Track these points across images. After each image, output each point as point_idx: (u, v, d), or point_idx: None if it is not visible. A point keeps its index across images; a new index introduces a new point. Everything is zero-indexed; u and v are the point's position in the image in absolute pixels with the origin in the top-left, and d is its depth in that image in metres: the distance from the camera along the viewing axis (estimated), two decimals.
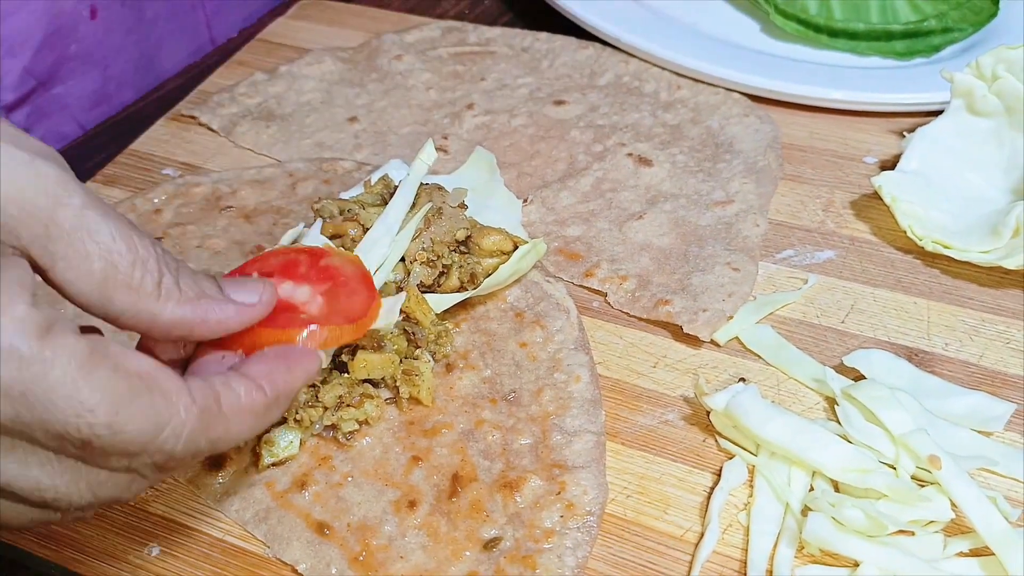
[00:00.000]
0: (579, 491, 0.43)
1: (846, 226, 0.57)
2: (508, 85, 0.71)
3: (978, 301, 0.52)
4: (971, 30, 0.70)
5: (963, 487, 0.40)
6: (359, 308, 0.42)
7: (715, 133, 0.65)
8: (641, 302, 0.52)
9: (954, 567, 0.40)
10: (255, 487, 0.45)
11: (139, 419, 0.30)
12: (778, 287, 0.54)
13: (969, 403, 0.46)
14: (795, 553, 0.41)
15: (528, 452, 0.45)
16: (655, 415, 0.47)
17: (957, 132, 0.58)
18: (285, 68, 0.73)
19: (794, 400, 0.48)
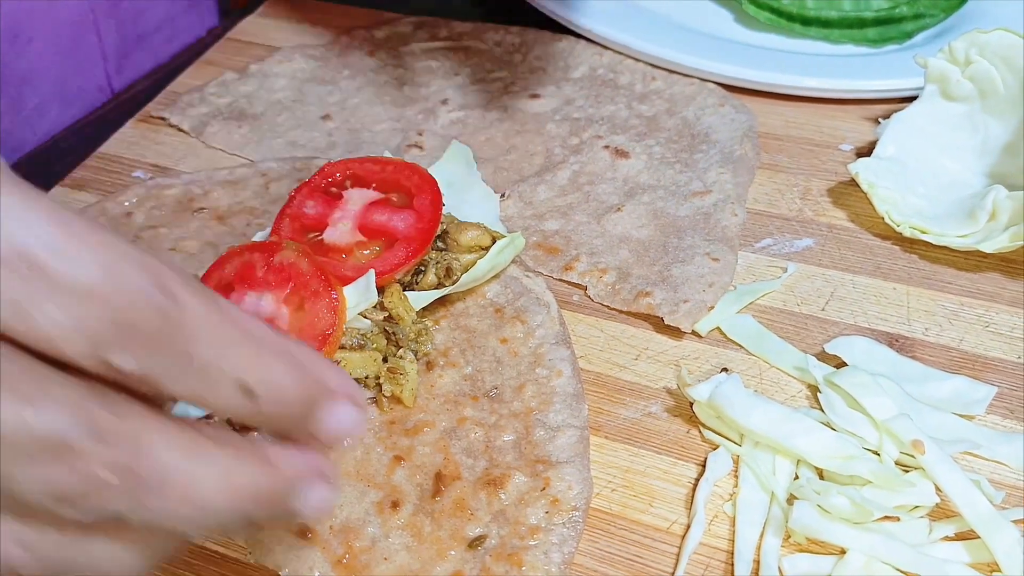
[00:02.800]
0: (564, 486, 0.42)
1: (824, 214, 0.57)
2: (482, 80, 0.70)
3: (956, 285, 0.52)
4: (943, 16, 0.71)
5: (947, 471, 0.40)
6: (325, 320, 0.43)
7: (691, 124, 0.65)
8: (621, 295, 0.52)
9: (940, 551, 0.40)
10: None
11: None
12: (758, 276, 0.54)
13: (950, 387, 0.46)
14: (781, 542, 0.40)
15: (511, 449, 0.44)
16: (638, 408, 0.47)
17: (932, 117, 0.59)
18: (255, 67, 0.72)
19: (777, 389, 0.47)
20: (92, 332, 0.22)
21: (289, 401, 0.26)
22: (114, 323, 0.23)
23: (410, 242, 0.49)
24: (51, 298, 0.22)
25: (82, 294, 0.22)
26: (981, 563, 0.39)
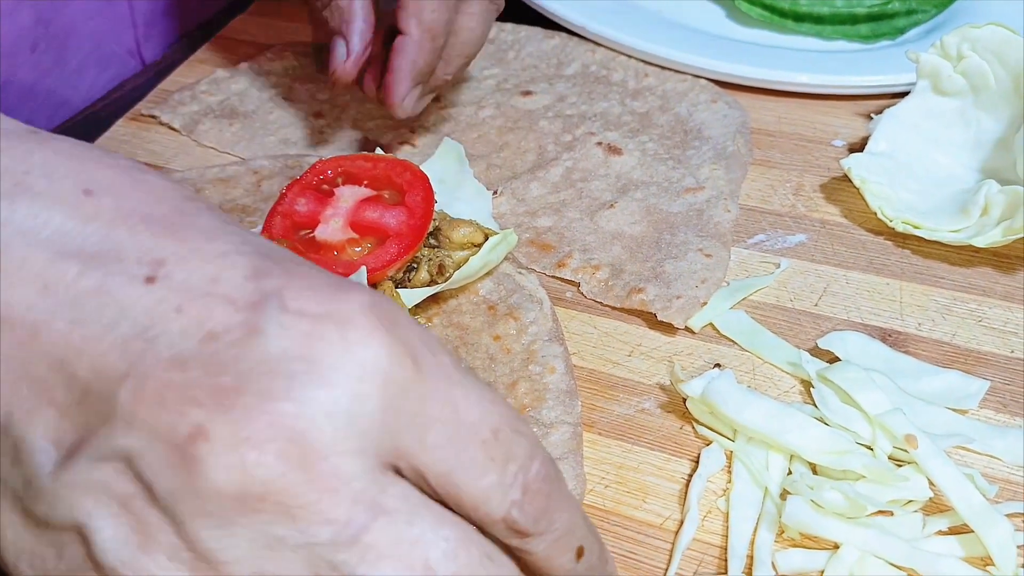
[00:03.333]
0: None
1: (817, 209, 0.57)
2: (474, 77, 0.70)
3: (949, 280, 0.52)
4: (935, 11, 0.71)
5: (940, 465, 0.40)
6: None
7: (684, 120, 0.65)
8: (614, 291, 0.52)
9: (934, 546, 0.40)
10: None
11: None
12: (751, 272, 0.54)
13: (943, 382, 0.46)
14: (775, 537, 0.40)
15: None
16: (631, 404, 0.47)
17: (924, 113, 0.59)
18: (246, 65, 0.72)
19: (770, 384, 0.47)
20: (514, 497, 0.28)
21: (596, 567, 0.32)
22: (524, 488, 0.28)
23: (402, 239, 0.48)
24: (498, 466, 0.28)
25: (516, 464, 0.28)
26: (975, 557, 0.39)
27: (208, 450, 0.25)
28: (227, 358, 0.25)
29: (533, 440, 0.29)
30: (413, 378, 0.26)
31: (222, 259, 0.27)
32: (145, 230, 0.27)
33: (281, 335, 0.26)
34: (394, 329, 0.27)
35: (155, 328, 0.26)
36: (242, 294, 0.26)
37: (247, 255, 0.27)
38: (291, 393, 0.25)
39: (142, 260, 0.27)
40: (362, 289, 0.28)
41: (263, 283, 0.27)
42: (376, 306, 0.27)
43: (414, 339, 0.27)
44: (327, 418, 0.25)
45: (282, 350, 0.25)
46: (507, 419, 0.28)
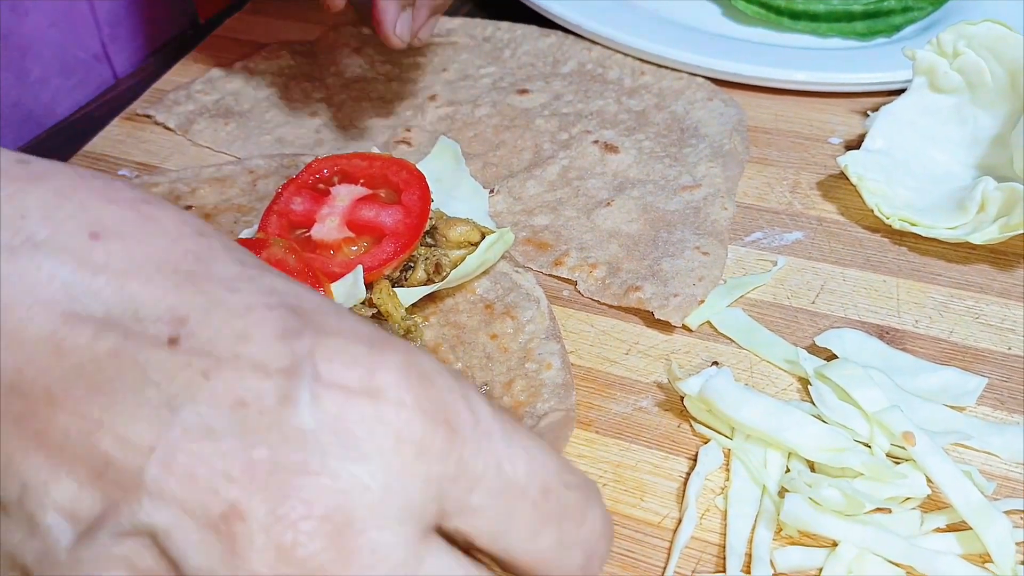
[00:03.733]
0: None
1: (813, 207, 0.57)
2: (471, 75, 0.70)
3: (946, 277, 0.52)
4: (930, 8, 0.71)
5: (938, 462, 0.40)
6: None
7: (680, 118, 0.64)
8: (611, 289, 0.52)
9: (932, 543, 0.40)
10: None
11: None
12: (748, 270, 0.54)
13: (941, 379, 0.46)
14: (773, 535, 0.40)
15: None
16: (629, 402, 0.47)
17: (920, 110, 0.59)
18: (241, 64, 0.72)
19: (767, 382, 0.47)
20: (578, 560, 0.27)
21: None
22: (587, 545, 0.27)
23: (398, 238, 0.48)
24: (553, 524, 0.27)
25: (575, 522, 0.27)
26: (973, 554, 0.39)
27: (244, 529, 0.24)
28: (259, 428, 0.24)
29: (587, 490, 0.28)
30: (450, 442, 0.25)
31: (248, 315, 0.25)
32: (162, 281, 0.26)
33: (315, 406, 0.25)
34: (428, 392, 0.26)
35: (182, 396, 0.24)
36: (273, 358, 0.25)
37: (275, 309, 0.26)
38: (327, 467, 0.24)
39: (162, 319, 0.25)
40: (396, 348, 0.26)
41: (294, 345, 0.25)
42: (410, 368, 0.26)
43: (451, 399, 0.26)
44: (363, 492, 0.24)
45: (316, 422, 0.24)
46: (556, 472, 0.27)
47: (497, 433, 0.26)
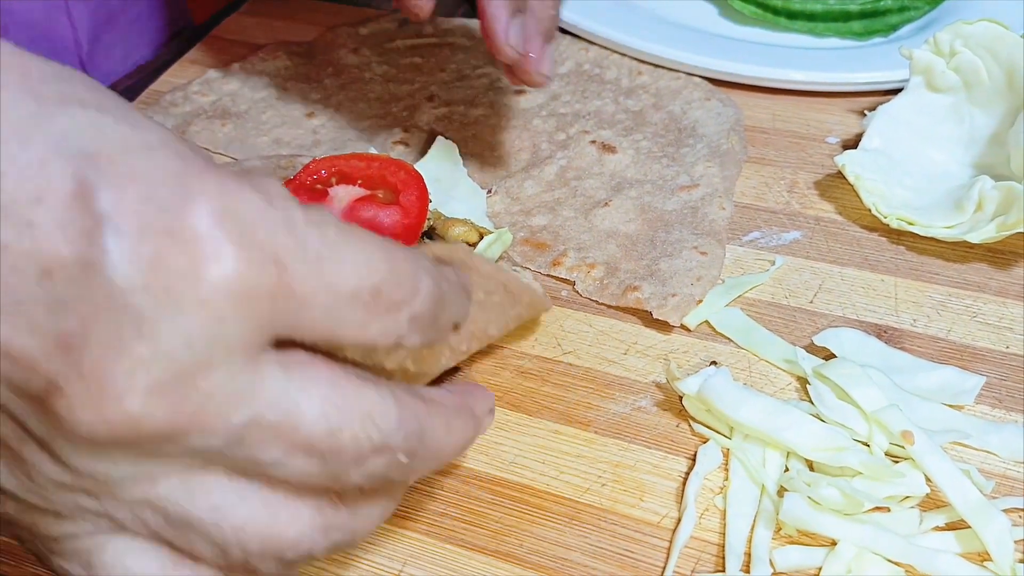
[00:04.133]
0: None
1: (811, 206, 0.57)
2: (467, 76, 0.70)
3: (944, 276, 0.52)
4: (927, 8, 0.71)
5: (937, 461, 0.40)
6: None
7: (678, 118, 0.64)
8: (610, 289, 0.52)
9: (931, 541, 0.40)
10: None
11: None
12: (746, 270, 0.54)
13: (939, 377, 0.46)
14: (772, 534, 0.40)
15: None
16: (628, 402, 0.47)
17: (917, 109, 0.59)
18: (238, 65, 0.72)
19: (766, 382, 0.47)
20: (400, 332, 0.28)
21: (464, 319, 0.33)
22: (412, 319, 0.29)
23: (396, 238, 0.48)
24: (381, 316, 0.28)
25: (399, 309, 0.28)
26: (972, 552, 0.39)
27: (67, 406, 0.24)
28: (67, 298, 0.24)
29: (414, 278, 0.28)
30: (278, 278, 0.25)
31: (41, 171, 0.24)
32: None
33: (122, 265, 0.24)
34: (246, 232, 0.25)
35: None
36: (70, 219, 0.24)
37: (71, 160, 0.24)
38: (142, 332, 0.24)
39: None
40: (208, 189, 0.25)
41: (92, 202, 0.24)
42: (225, 210, 0.25)
43: (272, 233, 0.25)
44: (186, 348, 0.24)
45: (126, 282, 0.24)
46: (386, 274, 0.28)
47: (326, 252, 0.27)
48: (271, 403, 0.26)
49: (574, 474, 0.44)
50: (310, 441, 0.27)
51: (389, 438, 0.28)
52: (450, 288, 0.31)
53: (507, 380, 0.48)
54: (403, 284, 0.28)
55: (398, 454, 0.29)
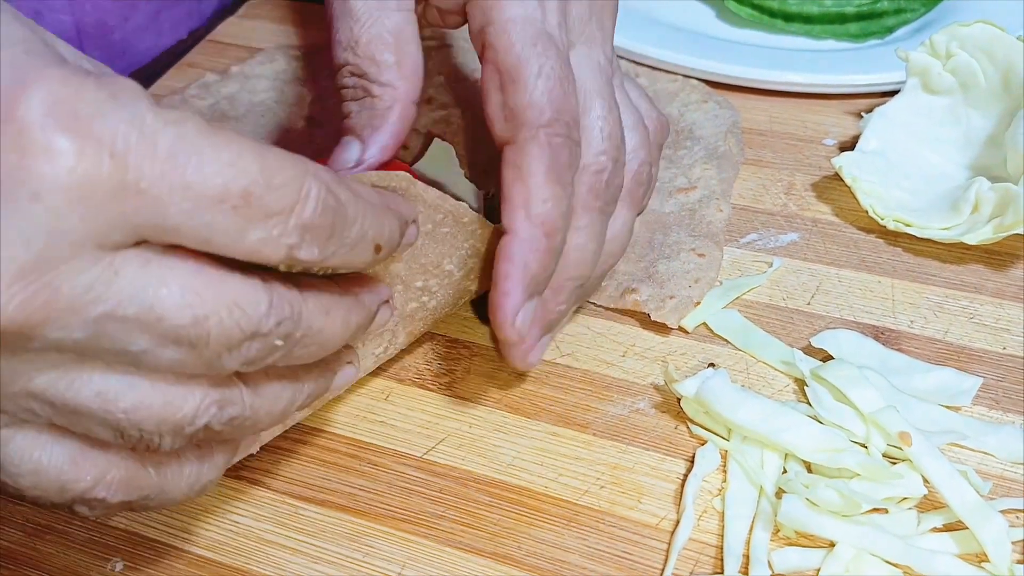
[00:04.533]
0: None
1: (808, 208, 0.58)
2: (466, 79, 0.70)
3: (941, 277, 0.52)
4: (923, 10, 0.71)
5: (934, 462, 0.40)
6: None
7: (675, 120, 0.65)
8: (607, 291, 0.52)
9: (929, 542, 0.40)
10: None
11: (286, 167, 0.28)
12: (744, 271, 0.54)
13: (936, 379, 0.46)
14: (771, 536, 0.40)
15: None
16: (626, 404, 0.47)
17: (914, 111, 0.59)
18: (237, 68, 0.72)
19: (764, 383, 0.47)
20: (289, 242, 0.28)
21: (394, 244, 0.33)
22: (303, 229, 0.28)
23: None
24: (260, 223, 0.27)
25: (282, 216, 0.28)
26: (970, 554, 0.39)
27: None
28: None
29: (297, 184, 0.28)
30: (120, 175, 0.25)
31: None
32: None
33: None
34: (85, 127, 0.25)
35: None
36: None
37: None
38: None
39: None
40: (47, 79, 0.25)
41: None
42: (61, 103, 0.24)
43: (114, 129, 0.25)
44: (25, 245, 0.25)
45: None
46: (256, 176, 0.27)
47: (183, 148, 0.26)
48: (130, 296, 0.26)
49: (572, 476, 0.44)
50: (175, 331, 0.27)
51: (260, 324, 0.29)
52: (361, 204, 0.30)
53: (504, 382, 0.48)
54: (281, 189, 0.28)
55: (273, 339, 0.29)
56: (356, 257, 0.31)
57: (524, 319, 0.40)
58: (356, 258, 0.31)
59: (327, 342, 0.32)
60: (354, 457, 0.45)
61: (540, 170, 0.39)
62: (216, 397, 0.30)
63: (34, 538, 0.43)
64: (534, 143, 0.39)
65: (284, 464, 0.45)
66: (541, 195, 0.39)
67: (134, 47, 0.74)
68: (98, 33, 0.70)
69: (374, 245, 0.31)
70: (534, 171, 0.39)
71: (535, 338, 0.43)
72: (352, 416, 0.47)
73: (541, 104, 0.39)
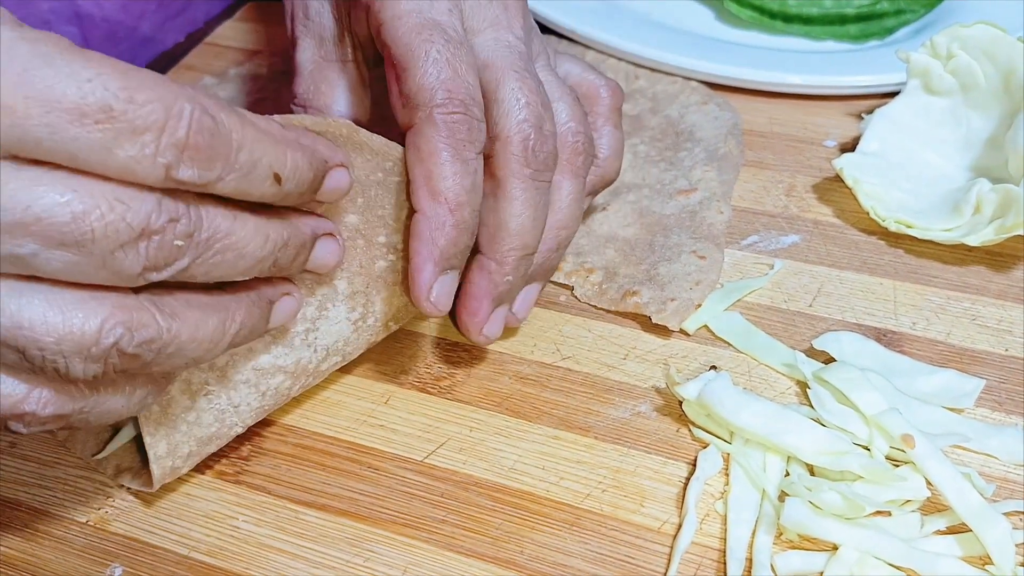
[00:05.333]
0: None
1: (809, 210, 0.57)
2: None
3: (943, 279, 0.52)
4: (923, 11, 0.71)
5: (937, 465, 0.40)
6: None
7: (675, 122, 0.64)
8: (608, 294, 0.52)
9: (932, 545, 0.39)
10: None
11: (152, 85, 0.29)
12: (745, 274, 0.53)
13: (939, 381, 0.46)
14: (774, 540, 0.40)
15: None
16: (627, 407, 0.47)
17: (915, 112, 0.59)
18: (234, 71, 0.72)
19: (766, 386, 0.47)
20: (164, 161, 0.29)
21: (304, 179, 0.34)
22: (177, 147, 0.29)
23: None
24: (128, 140, 0.28)
25: (152, 133, 0.28)
26: (973, 556, 0.39)
27: None
28: None
29: (165, 102, 0.29)
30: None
31: None
32: None
33: None
34: None
35: None
36: None
37: None
38: None
39: None
40: None
41: None
42: None
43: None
44: None
45: None
46: (117, 92, 0.28)
47: (36, 65, 0.27)
48: (6, 200, 0.27)
49: (574, 480, 0.44)
50: (58, 230, 0.28)
51: (149, 220, 0.29)
52: (251, 130, 0.31)
53: (506, 386, 0.48)
54: (147, 106, 0.28)
55: (171, 239, 0.30)
56: (253, 185, 0.32)
57: (440, 292, 0.41)
58: (253, 186, 0.32)
59: (243, 250, 0.32)
60: (354, 461, 0.45)
61: (437, 149, 0.40)
62: (123, 318, 0.30)
63: (32, 544, 0.42)
64: (429, 124, 0.40)
65: (284, 469, 0.45)
66: (440, 173, 0.40)
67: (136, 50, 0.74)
68: (104, 36, 0.70)
69: (272, 174, 0.32)
70: (432, 151, 0.40)
71: (487, 311, 0.44)
72: (352, 420, 0.47)
73: (432, 86, 0.40)
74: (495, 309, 0.44)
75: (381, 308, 0.44)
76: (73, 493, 0.44)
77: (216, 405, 0.41)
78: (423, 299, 0.41)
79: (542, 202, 0.43)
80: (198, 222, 0.31)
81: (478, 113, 0.41)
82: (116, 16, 0.70)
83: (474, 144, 0.41)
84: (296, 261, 0.36)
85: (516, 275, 0.44)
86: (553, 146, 0.43)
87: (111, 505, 0.44)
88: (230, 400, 0.41)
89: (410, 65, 0.40)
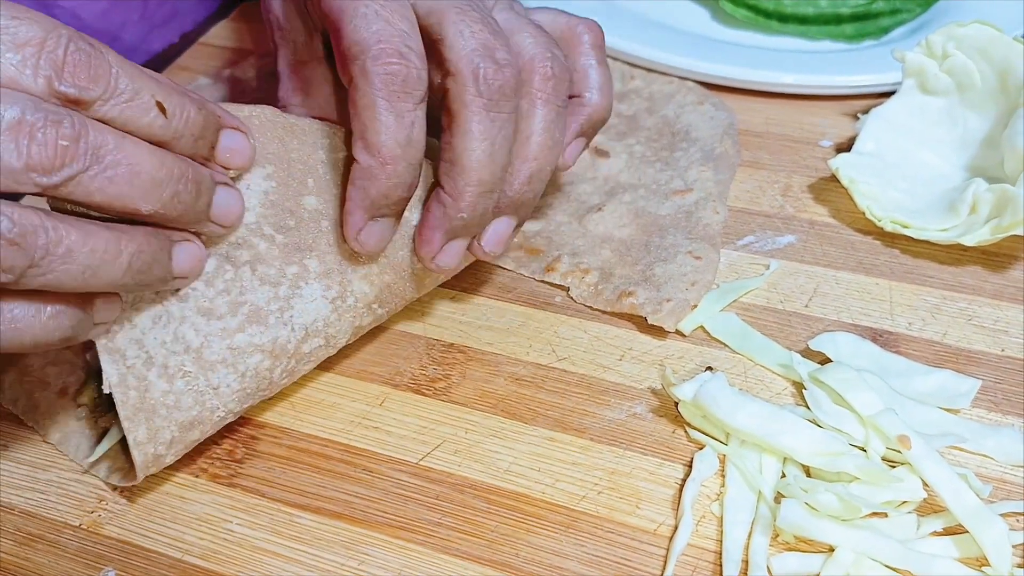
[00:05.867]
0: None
1: (805, 210, 0.57)
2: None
3: (939, 279, 0.52)
4: (919, 11, 0.71)
5: (933, 466, 0.40)
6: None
7: (671, 122, 0.64)
8: (604, 295, 0.52)
9: (928, 546, 0.39)
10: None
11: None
12: (740, 274, 0.53)
13: (935, 381, 0.46)
14: (770, 541, 0.40)
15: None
16: (623, 408, 0.46)
17: (910, 112, 0.59)
18: (229, 71, 0.71)
19: (762, 387, 0.47)
20: (45, 73, 0.33)
21: (194, 122, 0.36)
22: (55, 63, 0.33)
23: None
24: (12, 49, 0.32)
25: (34, 47, 0.32)
26: (970, 557, 0.39)
27: None
28: None
29: (44, 23, 0.33)
30: None
31: None
32: None
33: None
34: None
35: None
36: None
37: None
38: None
39: None
40: None
41: None
42: None
43: None
44: None
45: None
46: (3, 11, 0.32)
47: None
48: None
49: (570, 482, 0.43)
50: None
51: (24, 114, 0.31)
52: (132, 68, 0.34)
53: (501, 387, 0.48)
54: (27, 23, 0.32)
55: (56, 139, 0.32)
56: (137, 113, 0.34)
57: (368, 237, 0.43)
58: (138, 114, 0.34)
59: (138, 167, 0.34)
60: (349, 464, 0.45)
61: (372, 102, 0.40)
62: (6, 209, 0.31)
63: (25, 547, 0.42)
64: (362, 77, 0.40)
65: (278, 471, 0.45)
66: (374, 127, 0.40)
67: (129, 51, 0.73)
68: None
69: (156, 103, 0.35)
70: (367, 104, 0.40)
71: (439, 242, 0.44)
72: (347, 422, 0.47)
73: (363, 39, 0.40)
74: (449, 242, 0.45)
75: (361, 287, 0.44)
76: (66, 496, 0.44)
77: (194, 387, 0.40)
78: (351, 239, 0.43)
79: (500, 135, 0.42)
80: (83, 128, 0.33)
81: (416, 62, 0.40)
82: (96, 24, 0.70)
83: (411, 95, 0.40)
84: (199, 201, 0.37)
85: (473, 211, 0.43)
86: (511, 75, 0.42)
87: (104, 508, 0.44)
88: (208, 381, 0.41)
89: (342, 23, 0.41)
